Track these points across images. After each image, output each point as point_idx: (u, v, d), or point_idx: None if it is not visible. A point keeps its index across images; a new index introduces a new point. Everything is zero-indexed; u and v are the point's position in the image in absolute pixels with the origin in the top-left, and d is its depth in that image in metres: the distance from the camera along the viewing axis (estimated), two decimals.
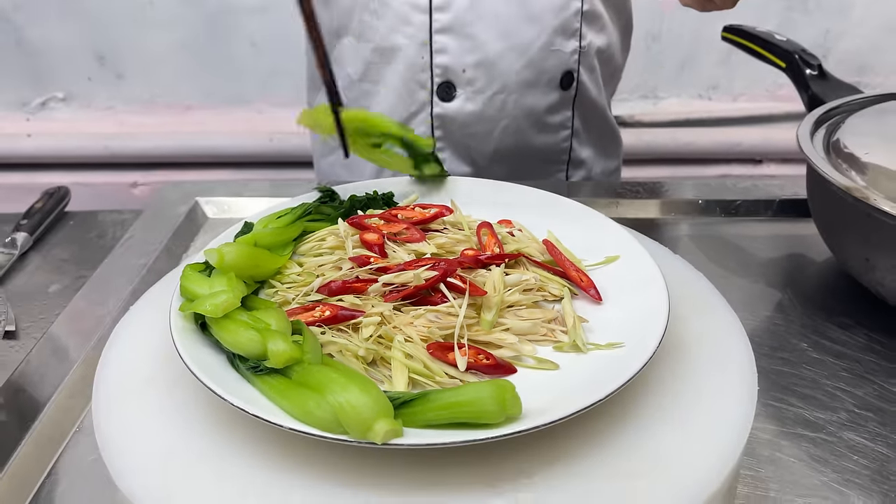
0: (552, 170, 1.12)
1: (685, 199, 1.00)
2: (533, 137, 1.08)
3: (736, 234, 0.97)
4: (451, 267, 0.63)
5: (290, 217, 0.74)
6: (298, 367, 0.54)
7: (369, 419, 0.49)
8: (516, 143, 1.07)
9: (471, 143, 1.06)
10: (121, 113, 1.97)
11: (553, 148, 1.10)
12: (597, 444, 0.55)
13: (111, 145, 1.94)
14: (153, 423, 0.57)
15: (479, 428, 0.50)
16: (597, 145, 1.15)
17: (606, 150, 1.18)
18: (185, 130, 1.93)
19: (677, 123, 1.90)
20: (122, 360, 0.64)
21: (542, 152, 1.10)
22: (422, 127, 1.06)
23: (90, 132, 1.95)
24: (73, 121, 1.97)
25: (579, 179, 1.15)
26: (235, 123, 1.94)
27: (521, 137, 1.07)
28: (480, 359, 0.58)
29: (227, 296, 0.58)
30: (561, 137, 1.09)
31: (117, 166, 1.98)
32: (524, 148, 1.08)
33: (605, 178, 1.19)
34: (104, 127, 1.96)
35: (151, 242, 0.92)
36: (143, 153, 1.95)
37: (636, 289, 0.65)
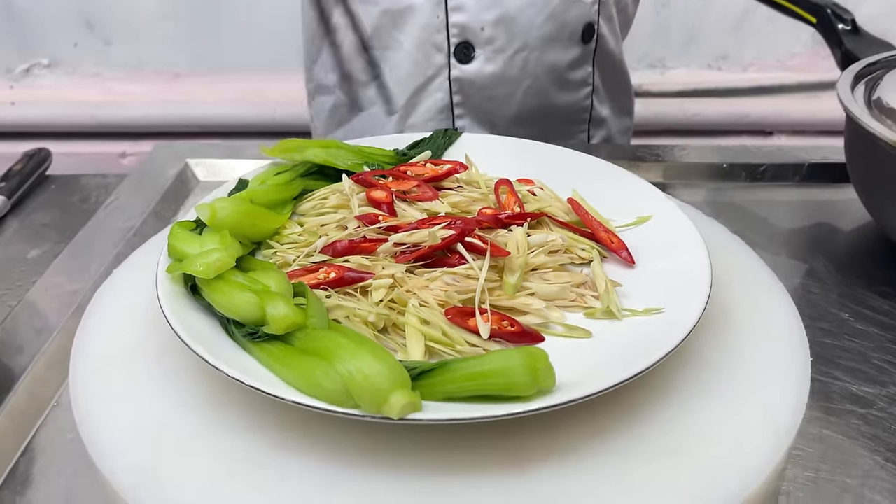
0: (573, 130, 1.07)
1: (708, 163, 0.94)
2: (555, 97, 1.02)
3: (762, 199, 0.91)
4: (470, 225, 0.57)
5: (290, 174, 0.67)
6: (302, 334, 0.48)
7: (384, 390, 0.43)
8: (538, 104, 1.01)
9: (491, 106, 1.00)
10: (108, 80, 1.89)
11: (575, 107, 1.05)
12: (634, 419, 0.49)
13: (98, 114, 1.87)
14: (138, 396, 0.51)
15: (506, 401, 0.44)
16: (615, 102, 1.10)
17: (623, 106, 1.13)
18: (174, 99, 1.86)
19: (685, 94, 1.83)
20: (104, 326, 0.58)
21: (563, 112, 1.04)
22: (439, 93, 1.00)
23: (76, 100, 1.87)
24: (59, 88, 1.90)
25: (599, 140, 1.10)
26: (227, 92, 1.87)
27: (543, 98, 1.01)
28: (504, 325, 0.52)
29: (219, 254, 0.52)
30: (582, 95, 1.04)
31: (105, 136, 1.91)
32: (546, 109, 1.02)
33: (621, 136, 1.14)
34: (90, 95, 1.88)
35: (138, 206, 0.86)
36: (132, 122, 1.88)
37: (672, 251, 0.59)
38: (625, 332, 0.52)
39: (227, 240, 0.55)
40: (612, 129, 1.12)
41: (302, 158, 0.69)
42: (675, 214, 0.63)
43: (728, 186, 0.93)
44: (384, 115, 1.04)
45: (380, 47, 1.00)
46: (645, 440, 0.47)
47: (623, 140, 1.16)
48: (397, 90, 1.01)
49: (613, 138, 1.14)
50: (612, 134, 1.13)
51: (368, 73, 1.03)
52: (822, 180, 0.93)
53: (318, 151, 0.69)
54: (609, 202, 0.66)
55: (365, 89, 1.04)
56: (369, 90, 1.04)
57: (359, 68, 1.03)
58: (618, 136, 1.15)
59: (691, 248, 0.58)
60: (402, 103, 1.02)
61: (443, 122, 1.02)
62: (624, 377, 0.46)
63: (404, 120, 1.03)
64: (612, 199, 0.66)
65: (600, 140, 1.12)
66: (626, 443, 0.47)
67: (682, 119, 1.80)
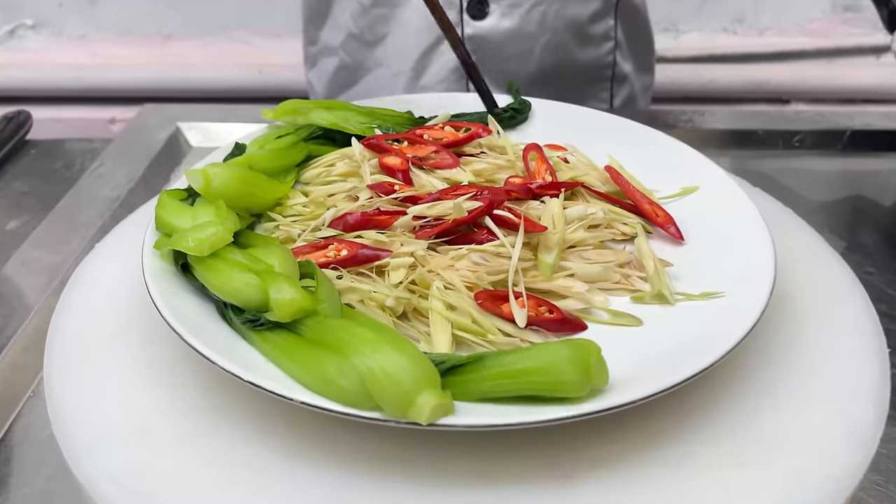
0: (595, 89, 1.00)
1: (740, 129, 0.87)
2: (576, 53, 0.95)
3: (800, 169, 0.84)
4: (499, 196, 0.50)
5: (293, 138, 0.60)
6: (311, 321, 0.42)
7: (410, 390, 0.36)
8: (558, 62, 0.94)
9: (508, 65, 0.93)
10: (94, 42, 1.81)
11: (597, 63, 0.97)
12: (690, 423, 0.43)
13: (85, 77, 1.79)
14: (121, 390, 0.45)
15: (552, 403, 0.38)
16: (637, 57, 1.03)
17: (646, 62, 1.06)
18: (164, 62, 1.78)
19: (699, 59, 1.75)
20: (84, 308, 0.51)
21: (585, 69, 0.97)
22: (450, 53, 0.92)
23: (62, 63, 1.79)
24: (44, 51, 1.82)
25: (622, 100, 1.03)
26: (220, 55, 1.79)
27: (563, 54, 0.94)
28: (542, 312, 0.45)
29: (215, 228, 0.45)
30: (604, 50, 0.96)
31: (93, 101, 1.83)
32: (567, 66, 0.95)
33: (643, 95, 1.07)
34: (77, 57, 1.80)
35: (125, 173, 0.78)
36: (121, 86, 1.80)
37: (725, 226, 0.53)
38: (679, 319, 0.46)
39: (222, 211, 0.48)
40: (635, 87, 1.05)
41: (306, 121, 0.62)
42: (726, 184, 0.56)
43: (763, 155, 0.86)
44: (391, 77, 0.97)
45: (388, 4, 0.93)
46: (705, 449, 0.41)
47: (644, 99, 1.09)
48: (406, 50, 0.94)
49: (636, 97, 1.06)
50: (635, 92, 1.06)
51: (375, 33, 0.95)
52: (865, 149, 0.86)
53: (324, 113, 0.62)
54: (649, 170, 0.59)
55: (371, 50, 0.97)
56: (377, 50, 0.96)
57: (365, 27, 0.95)
58: (640, 95, 1.07)
59: (747, 222, 0.52)
60: (411, 64, 0.94)
61: (456, 83, 0.95)
62: (687, 374, 0.39)
63: (415, 81, 0.95)
64: (652, 167, 0.59)
65: (623, 100, 1.04)
66: (683, 452, 0.41)
67: (697, 86, 1.73)
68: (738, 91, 1.75)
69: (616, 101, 1.02)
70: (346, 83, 1.00)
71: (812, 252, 0.56)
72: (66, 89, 1.80)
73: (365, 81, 0.99)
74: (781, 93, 1.75)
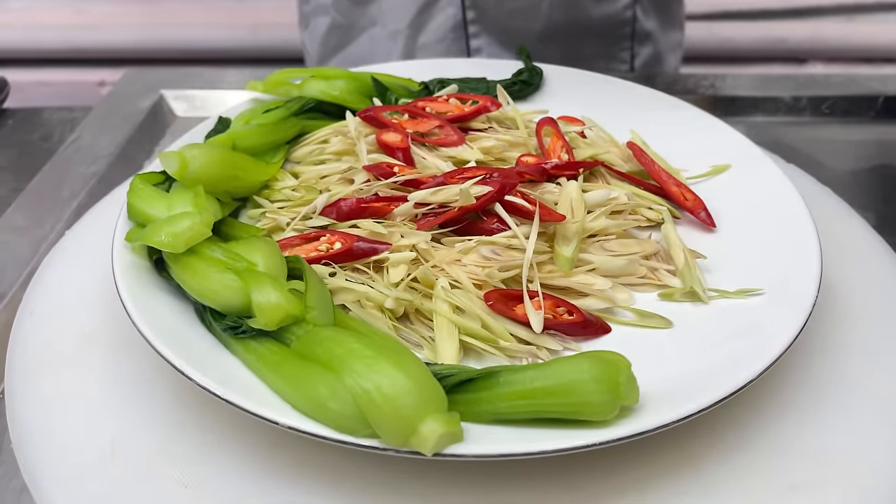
0: (614, 49, 0.92)
1: (767, 96, 0.81)
2: (589, 8, 0.87)
3: (830, 138, 0.78)
4: (511, 180, 0.44)
5: (283, 111, 0.55)
6: (299, 330, 0.37)
7: (412, 416, 0.31)
8: (569, 18, 0.86)
9: (512, 22, 0.85)
10: (82, 2, 1.74)
11: (614, 19, 0.89)
12: (731, 441, 0.38)
13: (73, 38, 1.72)
14: (88, 406, 0.40)
15: (576, 425, 0.33)
16: (662, 11, 0.93)
17: (674, 17, 0.96)
18: (155, 21, 1.72)
19: (714, 17, 1.68)
20: (51, 307, 0.46)
21: (600, 26, 0.89)
22: (450, 8, 0.85)
23: (49, 24, 1.73)
24: (29, 10, 1.75)
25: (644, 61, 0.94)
26: (213, 14, 1.72)
27: (574, 9, 0.86)
28: (560, 314, 0.40)
29: (191, 220, 0.40)
30: (622, 5, 0.88)
31: (81, 62, 1.77)
32: (579, 23, 0.87)
33: (671, 54, 0.97)
34: (64, 17, 1.74)
35: (104, 146, 0.73)
36: (110, 47, 1.74)
37: (760, 210, 0.47)
38: (713, 320, 0.41)
39: (200, 199, 0.43)
40: (660, 46, 0.95)
41: (300, 93, 0.56)
42: (761, 162, 0.51)
43: (790, 123, 0.81)
44: (388, 36, 0.90)
45: None
46: (748, 471, 0.36)
47: (673, 60, 0.99)
48: (402, 6, 0.87)
49: (662, 57, 0.96)
50: (660, 51, 0.96)
51: None
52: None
53: (320, 84, 0.56)
54: (675, 146, 0.53)
55: (364, 7, 0.89)
56: (370, 8, 0.89)
57: None
58: (667, 54, 0.97)
59: (786, 206, 0.47)
60: (407, 21, 0.87)
61: (455, 42, 0.87)
62: (727, 390, 0.34)
63: (412, 40, 0.88)
64: (677, 142, 0.54)
65: (645, 60, 0.95)
66: (724, 474, 0.36)
67: (711, 45, 1.65)
68: (755, 51, 1.68)
69: (637, 62, 0.94)
70: (339, 44, 0.93)
71: (854, 237, 0.51)
72: (54, 51, 1.74)
73: (359, 42, 0.92)
74: (799, 52, 1.68)
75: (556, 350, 0.39)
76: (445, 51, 0.87)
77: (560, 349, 0.39)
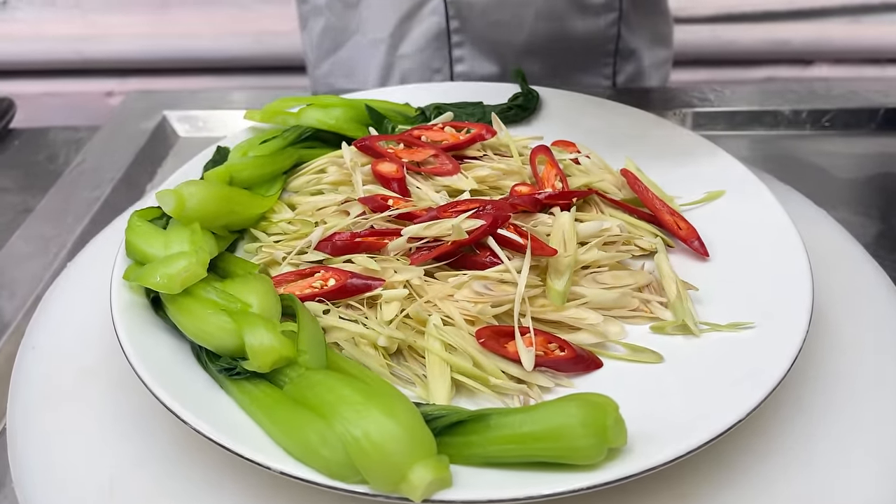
0: (597, 65, 0.91)
1: (765, 110, 0.81)
2: (573, 23, 0.85)
3: (831, 151, 0.78)
4: (503, 212, 0.45)
5: (280, 141, 0.55)
6: (292, 373, 0.37)
7: (401, 463, 0.32)
8: (553, 32, 0.85)
9: (495, 35, 0.84)
10: (90, 12, 1.75)
11: (598, 36, 0.88)
12: (719, 479, 0.38)
13: (82, 49, 1.73)
14: (89, 440, 0.41)
15: (564, 469, 0.34)
16: (648, 29, 0.92)
17: (659, 34, 0.95)
18: (163, 32, 1.72)
19: (718, 19, 1.66)
20: (53, 341, 0.47)
21: (584, 42, 0.88)
22: (434, 17, 0.84)
23: (57, 34, 1.73)
24: (38, 22, 1.76)
25: (627, 77, 0.93)
26: (219, 23, 1.72)
27: (558, 24, 0.85)
28: (552, 350, 0.41)
29: (187, 261, 0.41)
30: (607, 22, 0.87)
31: (89, 73, 1.78)
32: (562, 37, 0.86)
33: (655, 71, 0.96)
34: (73, 28, 1.74)
35: (108, 169, 0.74)
36: (118, 58, 1.74)
37: (755, 239, 0.47)
38: (704, 353, 0.41)
39: (197, 237, 0.43)
40: (643, 63, 0.94)
41: (298, 122, 0.57)
42: (756, 189, 0.51)
43: (789, 137, 0.80)
44: (369, 45, 0.89)
45: None
46: None
47: (658, 77, 0.98)
48: (384, 13, 0.86)
49: (646, 74, 0.95)
50: (643, 68, 0.95)
51: None
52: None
53: (317, 113, 0.57)
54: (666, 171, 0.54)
55: (355, 9, 0.89)
56: (361, 10, 0.88)
57: None
58: (651, 72, 0.96)
59: (780, 234, 0.47)
60: (390, 30, 0.87)
61: (438, 51, 0.87)
62: (715, 431, 0.35)
63: (394, 49, 0.87)
64: (670, 167, 0.54)
65: (628, 77, 0.94)
66: None
67: (714, 48, 1.65)
68: (759, 53, 1.67)
69: (620, 78, 0.93)
70: (332, 47, 0.92)
71: (849, 263, 0.51)
72: (63, 61, 1.75)
73: (346, 48, 0.91)
74: (804, 54, 1.67)
75: (547, 387, 0.40)
76: (427, 60, 0.87)
77: (551, 386, 0.40)
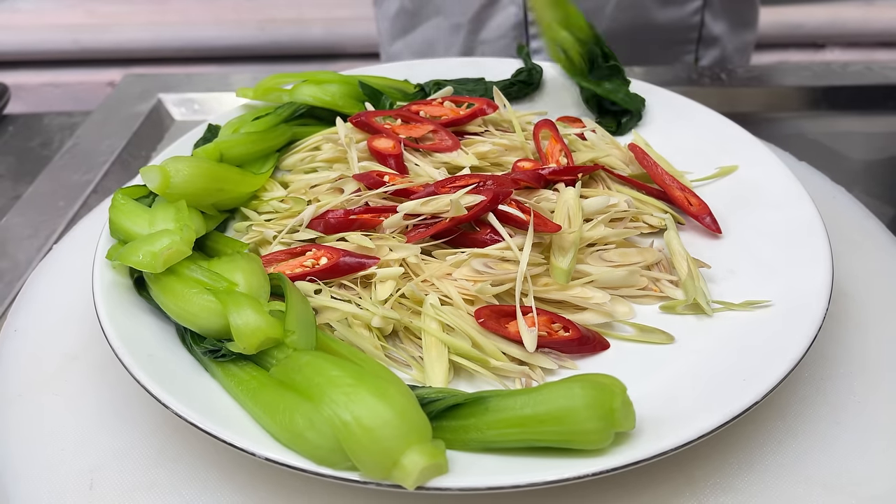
0: (677, 51, 0.89)
1: (781, 87, 0.79)
2: (654, 12, 0.84)
3: (848, 131, 0.75)
4: (505, 188, 0.42)
5: (273, 118, 0.53)
6: (279, 354, 0.35)
7: (394, 448, 0.30)
8: (633, 21, 0.84)
9: None
10: (90, 1, 1.73)
11: (680, 24, 0.86)
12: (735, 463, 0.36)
13: (82, 39, 1.72)
14: (70, 430, 0.39)
15: (569, 454, 0.31)
16: (733, 14, 0.90)
17: (745, 18, 0.93)
18: (166, 21, 1.70)
19: None
20: (36, 326, 0.45)
21: (665, 30, 0.86)
22: (511, 7, 0.83)
23: (58, 24, 1.72)
24: (39, 12, 1.75)
25: (710, 61, 0.91)
26: (221, 12, 1.70)
27: (639, 13, 0.83)
28: (556, 330, 0.38)
29: (170, 239, 0.39)
30: (689, 10, 0.85)
31: (91, 63, 1.76)
32: (643, 26, 0.84)
33: (739, 55, 0.94)
34: (73, 18, 1.73)
35: (101, 152, 0.72)
36: (119, 47, 1.73)
37: (770, 214, 0.45)
38: (717, 334, 0.39)
39: (183, 215, 0.41)
40: (727, 48, 0.92)
41: (292, 99, 0.55)
42: (770, 162, 0.48)
43: (805, 115, 0.78)
44: (450, 28, 0.88)
45: None
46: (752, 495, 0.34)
47: (742, 59, 0.95)
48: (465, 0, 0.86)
49: (729, 59, 0.93)
50: (727, 54, 0.93)
51: None
52: None
53: (311, 89, 0.54)
54: (677, 145, 0.51)
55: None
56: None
57: None
58: (735, 56, 0.94)
59: (796, 211, 0.44)
60: (469, 16, 0.86)
61: (516, 40, 0.86)
62: (729, 414, 0.32)
63: (473, 35, 0.87)
64: (681, 141, 0.52)
65: (711, 62, 0.92)
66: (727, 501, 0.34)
67: None
68: (771, 37, 1.64)
69: (703, 63, 0.91)
70: (405, 28, 0.91)
71: (868, 240, 0.48)
72: (64, 52, 1.73)
73: (423, 29, 0.90)
74: (817, 37, 1.64)
75: (550, 369, 0.37)
76: (506, 48, 0.86)
77: (555, 368, 0.37)
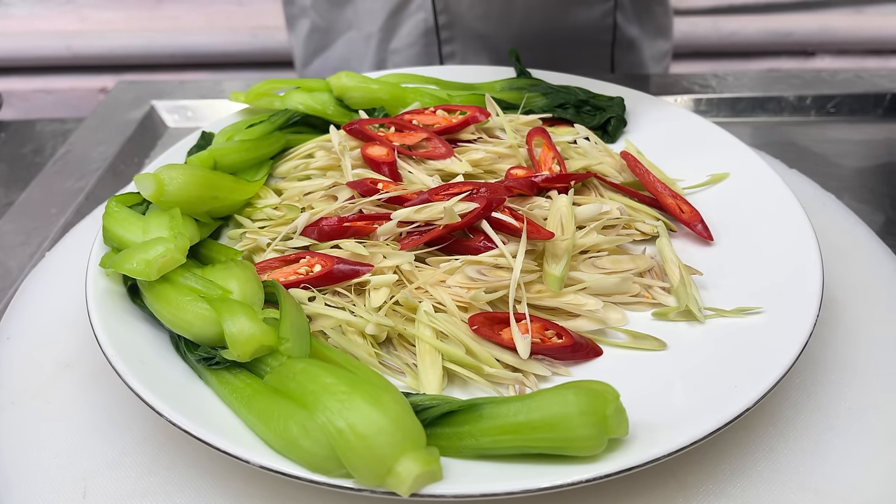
0: (592, 56, 0.88)
1: (769, 95, 0.79)
2: (566, 13, 0.83)
3: (836, 138, 0.76)
4: (498, 195, 0.43)
5: (267, 126, 0.53)
6: (273, 362, 0.35)
7: (388, 455, 0.30)
8: (545, 24, 0.83)
9: (485, 27, 0.83)
10: (83, 7, 1.73)
11: (592, 26, 0.85)
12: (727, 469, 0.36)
13: (75, 45, 1.71)
14: (66, 434, 0.39)
15: (562, 460, 0.32)
16: (646, 19, 0.90)
17: (658, 25, 0.92)
18: (157, 27, 1.70)
19: (719, 10, 1.65)
20: (28, 333, 0.45)
21: (578, 33, 0.85)
22: (420, 13, 0.83)
23: (51, 30, 1.72)
24: (31, 18, 1.74)
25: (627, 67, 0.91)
26: (214, 18, 1.70)
27: (550, 15, 0.82)
28: (549, 337, 0.39)
29: (164, 247, 0.39)
30: (601, 11, 0.85)
31: (83, 69, 1.76)
32: (555, 29, 0.84)
33: (655, 63, 0.94)
34: (66, 24, 1.73)
35: (93, 159, 0.72)
36: (111, 54, 1.72)
37: (761, 222, 0.45)
38: (709, 341, 0.39)
39: (176, 223, 0.41)
40: (643, 55, 0.92)
41: (284, 106, 0.55)
42: (762, 171, 0.49)
43: (794, 123, 0.78)
44: (362, 40, 0.87)
45: None
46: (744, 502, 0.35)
47: (659, 68, 0.95)
48: (373, 10, 0.84)
49: (645, 66, 0.93)
50: (643, 60, 0.92)
51: None
52: None
53: (303, 97, 0.55)
54: (668, 153, 0.52)
55: (342, 9, 0.87)
56: (347, 10, 0.87)
57: None
58: (651, 64, 0.94)
59: (787, 218, 0.45)
60: (378, 25, 0.85)
61: (428, 47, 0.85)
62: (725, 419, 0.33)
63: (384, 45, 0.86)
64: (672, 149, 0.52)
65: (628, 68, 0.91)
66: None
67: (715, 39, 1.62)
68: (760, 45, 1.65)
69: (618, 71, 0.90)
70: (319, 47, 0.91)
71: (860, 247, 0.49)
72: (56, 58, 1.73)
73: (337, 46, 0.90)
74: (806, 45, 1.65)
75: (544, 376, 0.38)
76: (417, 56, 0.85)
77: (548, 375, 0.38)
